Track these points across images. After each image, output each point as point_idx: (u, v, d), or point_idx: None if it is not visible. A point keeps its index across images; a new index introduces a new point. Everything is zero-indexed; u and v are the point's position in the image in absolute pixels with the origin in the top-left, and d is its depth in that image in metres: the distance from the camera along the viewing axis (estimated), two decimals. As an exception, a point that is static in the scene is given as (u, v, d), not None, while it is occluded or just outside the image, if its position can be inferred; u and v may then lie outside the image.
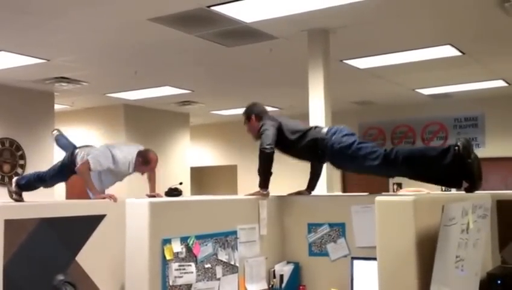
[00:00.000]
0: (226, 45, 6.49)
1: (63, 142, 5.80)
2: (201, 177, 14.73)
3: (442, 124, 11.22)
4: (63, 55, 7.01)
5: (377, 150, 3.53)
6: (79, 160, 5.01)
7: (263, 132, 3.81)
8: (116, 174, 4.93)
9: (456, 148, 3.19)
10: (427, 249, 2.21)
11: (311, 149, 3.79)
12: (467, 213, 2.52)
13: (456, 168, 3.21)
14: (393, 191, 9.76)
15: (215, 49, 6.66)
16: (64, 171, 5.23)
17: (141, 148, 5.04)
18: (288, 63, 7.41)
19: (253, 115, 4.01)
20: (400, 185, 10.18)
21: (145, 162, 4.88)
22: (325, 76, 5.85)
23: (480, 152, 11.06)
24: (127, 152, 4.93)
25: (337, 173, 10.21)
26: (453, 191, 6.05)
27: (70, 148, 5.58)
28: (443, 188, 6.62)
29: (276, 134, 3.81)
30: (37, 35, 6.17)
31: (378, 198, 2.35)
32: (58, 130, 6.00)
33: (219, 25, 5.71)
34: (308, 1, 5.15)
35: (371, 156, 3.50)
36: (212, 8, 5.20)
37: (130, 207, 2.87)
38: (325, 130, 3.80)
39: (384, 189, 10.16)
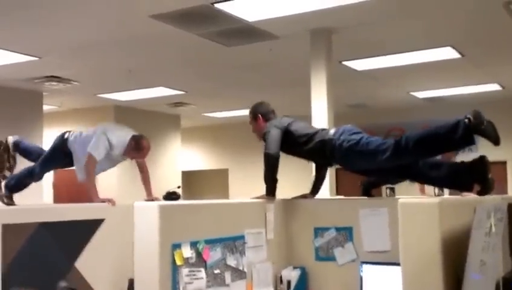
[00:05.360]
0: (227, 44, 6.39)
1: (26, 144, 5.52)
2: (192, 181, 14.58)
3: (436, 128, 11.15)
4: (56, 52, 6.83)
5: (386, 142, 3.44)
6: (72, 139, 4.78)
7: (268, 136, 3.75)
8: (108, 160, 4.72)
9: (466, 120, 3.13)
10: (452, 252, 2.17)
11: (320, 151, 3.71)
12: (489, 216, 2.45)
13: (468, 140, 3.20)
14: (386, 195, 9.64)
15: (214, 49, 6.56)
16: (57, 155, 4.91)
17: (134, 133, 4.84)
18: (288, 63, 7.33)
19: (260, 115, 3.92)
20: (392, 190, 10.07)
21: (137, 148, 4.69)
22: (328, 77, 5.77)
23: (473, 156, 11.08)
24: (121, 136, 4.73)
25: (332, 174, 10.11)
26: (446, 194, 5.87)
27: (36, 150, 5.35)
28: (436, 191, 6.40)
29: (282, 137, 3.74)
30: (29, 32, 6.01)
31: (402, 200, 2.29)
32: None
33: (221, 23, 5.62)
34: (312, 0, 5.09)
35: (381, 148, 3.41)
36: (216, 5, 5.10)
37: (139, 211, 2.77)
38: (332, 131, 3.74)
39: (377, 192, 10.06)
